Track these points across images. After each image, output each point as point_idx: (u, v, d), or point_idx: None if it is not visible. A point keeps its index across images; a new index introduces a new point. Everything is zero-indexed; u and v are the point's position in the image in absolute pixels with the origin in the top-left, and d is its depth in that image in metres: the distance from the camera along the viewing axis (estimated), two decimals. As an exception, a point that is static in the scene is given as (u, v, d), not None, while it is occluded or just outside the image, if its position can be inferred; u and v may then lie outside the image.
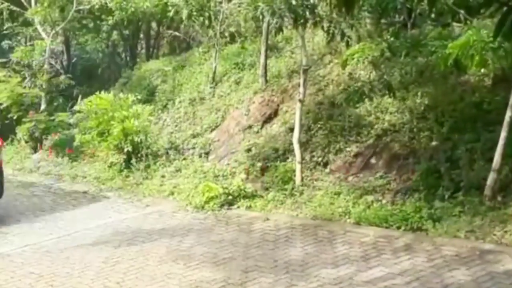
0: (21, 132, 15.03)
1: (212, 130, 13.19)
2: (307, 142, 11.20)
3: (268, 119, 12.40)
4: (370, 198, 9.82)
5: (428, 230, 8.70)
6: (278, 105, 12.51)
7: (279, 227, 9.55)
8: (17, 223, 10.48)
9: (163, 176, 12.10)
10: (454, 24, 9.62)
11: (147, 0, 11.40)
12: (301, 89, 10.79)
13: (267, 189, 10.84)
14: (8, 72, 15.59)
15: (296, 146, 10.72)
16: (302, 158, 10.76)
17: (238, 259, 8.46)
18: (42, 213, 10.98)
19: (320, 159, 10.94)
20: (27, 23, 17.18)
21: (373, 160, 10.53)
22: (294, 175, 10.73)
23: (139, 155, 12.60)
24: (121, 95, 13.60)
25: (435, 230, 8.61)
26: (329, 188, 10.37)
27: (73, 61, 18.98)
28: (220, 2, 13.67)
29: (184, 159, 12.58)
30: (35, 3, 16.31)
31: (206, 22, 11.32)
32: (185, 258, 8.60)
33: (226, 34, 14.90)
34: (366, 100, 10.35)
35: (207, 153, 12.71)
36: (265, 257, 8.48)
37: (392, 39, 9.81)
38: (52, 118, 14.96)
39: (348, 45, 10.30)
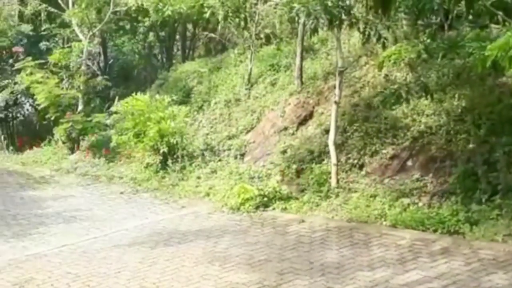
0: (59, 133, 15.23)
1: (248, 131, 13.21)
2: (343, 144, 11.14)
3: (304, 121, 12.37)
4: (406, 200, 9.74)
5: (465, 234, 8.60)
6: (313, 107, 12.47)
7: (315, 229, 9.53)
8: (54, 223, 10.63)
9: (198, 178, 12.16)
10: (492, 25, 9.46)
11: (183, 1, 11.47)
12: (336, 91, 10.74)
13: (302, 191, 10.82)
14: (46, 73, 15.80)
15: (331, 148, 10.68)
16: (338, 160, 10.72)
17: (273, 261, 8.47)
18: (79, 213, 11.10)
19: (355, 161, 10.88)
20: (65, 25, 17.42)
21: (409, 163, 10.43)
22: (330, 177, 10.69)
23: (175, 156, 12.68)
24: (157, 96, 13.72)
25: (472, 234, 8.50)
26: (365, 190, 10.32)
27: (110, 62, 19.18)
28: (256, 4, 13.67)
29: (220, 160, 12.62)
30: (73, 5, 16.52)
31: (242, 23, 11.34)
32: (221, 259, 8.63)
33: (262, 35, 14.88)
34: (403, 102, 10.25)
35: (242, 155, 12.73)
36: (300, 259, 8.47)
37: (428, 40, 9.68)
38: (89, 119, 15.14)
39: (384, 47, 10.21)
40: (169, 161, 12.60)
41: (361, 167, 10.84)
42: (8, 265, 8.81)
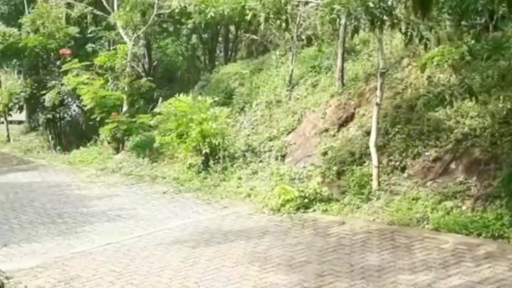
0: (104, 133, 15.50)
1: (289, 133, 13.24)
2: (384, 146, 11.08)
3: (345, 123, 12.34)
4: (449, 204, 9.64)
5: (510, 238, 8.49)
6: (354, 109, 12.43)
7: (355, 232, 9.52)
8: (99, 222, 10.83)
9: (240, 178, 12.25)
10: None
11: (225, 3, 11.56)
12: (378, 93, 10.69)
13: (343, 193, 10.81)
14: (91, 75, 16.10)
15: (372, 150, 10.64)
16: (379, 162, 10.67)
17: (313, 262, 8.49)
18: (123, 212, 11.30)
19: (397, 163, 10.81)
20: (110, 27, 17.70)
21: (452, 165, 10.32)
22: (371, 179, 10.66)
23: (216, 157, 12.80)
24: (199, 97, 13.86)
25: (518, 238, 8.38)
26: (406, 193, 10.25)
27: (154, 64, 19.43)
28: (297, 5, 13.68)
29: (261, 161, 12.69)
30: (118, 8, 16.79)
31: (283, 25, 11.36)
32: (261, 260, 8.69)
33: (303, 37, 14.90)
34: (446, 105, 10.14)
35: (283, 156, 12.76)
36: (341, 261, 8.47)
37: (472, 42, 9.57)
38: (133, 120, 15.37)
39: (426, 48, 10.12)
40: (211, 162, 12.72)
41: (403, 169, 10.76)
42: (54, 262, 9.02)
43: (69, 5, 18.04)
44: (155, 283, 8.16)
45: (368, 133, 11.16)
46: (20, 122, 20.21)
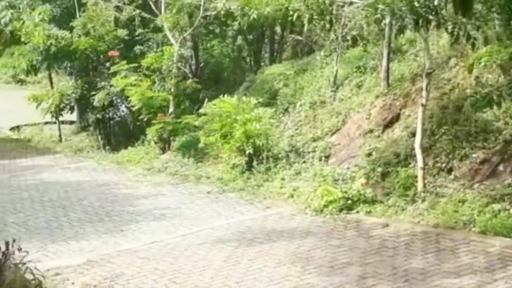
0: (151, 133, 15.71)
1: (333, 133, 13.19)
2: (430, 147, 10.94)
3: (390, 123, 12.23)
4: (497, 206, 9.47)
5: (558, 242, 8.28)
6: (400, 109, 12.31)
7: (399, 234, 9.44)
8: (145, 220, 11.00)
9: (283, 179, 12.27)
10: None
11: (268, 4, 11.58)
12: (423, 93, 10.58)
13: (387, 194, 10.72)
14: (139, 76, 16.34)
15: (418, 151, 10.52)
16: (425, 164, 10.55)
17: (355, 264, 8.46)
18: (168, 211, 11.44)
19: (443, 165, 10.66)
20: (157, 29, 17.93)
21: (500, 167, 10.13)
22: (416, 181, 10.54)
23: (260, 157, 12.84)
24: (243, 98, 13.93)
25: None
26: (453, 195, 10.11)
27: (201, 65, 19.60)
28: (342, 6, 13.63)
29: (304, 162, 12.67)
30: (165, 10, 17.00)
31: (327, 26, 11.33)
32: (303, 261, 8.71)
33: (348, 37, 14.82)
34: (494, 106, 9.97)
35: (327, 157, 12.72)
36: (383, 264, 8.42)
37: (522, 41, 9.39)
38: (179, 120, 15.53)
39: (474, 48, 9.96)
40: (255, 162, 12.77)
41: (449, 171, 10.62)
42: (100, 259, 9.21)
43: (118, 8, 18.35)
44: (197, 282, 8.26)
45: (413, 134, 11.04)
46: (72, 122, 20.68)
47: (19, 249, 6.37)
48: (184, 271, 8.60)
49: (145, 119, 15.97)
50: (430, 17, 9.53)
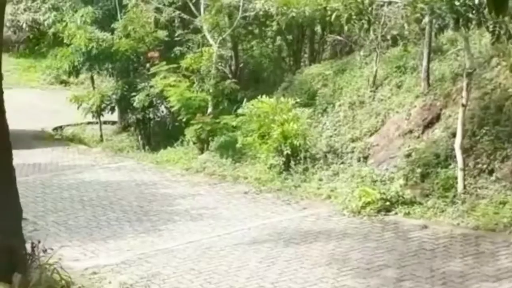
0: (189, 133, 15.78)
1: (372, 134, 13.06)
2: (471, 148, 10.74)
3: (430, 124, 12.05)
4: (539, 209, 9.25)
5: None
6: (440, 110, 12.12)
7: (438, 236, 9.30)
8: (182, 220, 11.05)
9: (320, 180, 12.19)
10: None
11: (307, 4, 11.50)
12: (464, 93, 10.40)
13: (426, 196, 10.56)
14: (178, 77, 16.45)
15: (458, 152, 10.34)
16: (465, 165, 10.37)
17: (393, 267, 8.36)
18: (205, 211, 11.48)
19: (484, 166, 10.46)
20: (197, 30, 18.03)
21: (543, 169, 9.89)
22: (456, 182, 10.37)
23: (298, 158, 12.79)
24: (282, 99, 13.90)
25: None
26: (493, 197, 9.92)
27: (241, 66, 19.63)
28: (382, 5, 13.49)
29: (342, 163, 12.57)
30: (204, 11, 17.08)
31: (365, 25, 11.22)
32: (339, 262, 8.64)
33: (388, 37, 14.64)
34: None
35: (365, 158, 12.60)
36: (421, 266, 8.31)
37: None
38: (217, 120, 15.58)
39: (516, 47, 9.74)
40: (292, 163, 12.72)
41: (490, 172, 10.41)
42: (138, 259, 9.29)
43: (158, 10, 18.52)
44: (233, 282, 8.27)
45: (454, 135, 10.85)
46: (114, 123, 20.93)
47: (44, 250, 6.43)
48: (219, 272, 8.62)
49: (184, 120, 16.05)
50: (471, 16, 9.35)
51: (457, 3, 9.22)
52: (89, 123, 20.20)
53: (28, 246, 6.21)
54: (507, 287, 7.47)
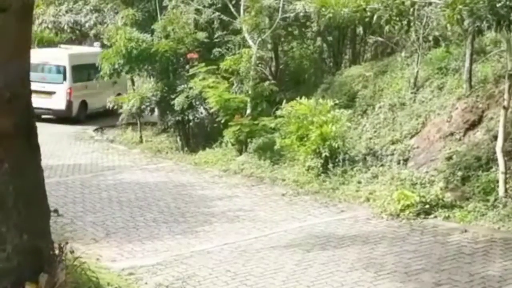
0: (228, 135, 15.80)
1: (412, 136, 12.88)
2: (513, 151, 10.52)
3: (472, 126, 11.84)
4: None
5: None
6: (483, 112, 11.89)
7: (478, 240, 9.13)
8: (219, 222, 11.04)
9: (359, 182, 12.07)
10: None
11: (345, 5, 11.40)
12: (506, 95, 10.19)
13: (467, 199, 10.38)
14: (217, 78, 16.49)
15: (499, 155, 10.14)
16: (507, 168, 10.15)
17: (431, 271, 8.23)
18: (242, 213, 11.45)
19: (527, 169, 10.22)
20: (236, 32, 18.05)
21: None
22: (497, 186, 10.18)
23: (336, 160, 12.69)
24: (320, 100, 13.81)
25: None
26: (536, 201, 9.67)
27: (281, 67, 19.59)
28: (423, 6, 13.30)
29: (382, 165, 12.43)
30: (244, 13, 17.09)
31: (406, 26, 11.07)
32: (376, 266, 8.53)
33: (430, 38, 14.45)
34: None
35: (405, 160, 12.44)
36: (460, 270, 8.16)
37: None
38: (256, 122, 15.56)
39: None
40: (330, 165, 12.62)
41: (532, 176, 10.17)
42: (174, 260, 9.30)
43: (198, 11, 18.60)
44: (268, 285, 8.22)
45: (496, 138, 10.67)
46: (153, 124, 21.11)
47: (71, 252, 6.48)
48: (255, 274, 8.58)
49: (222, 121, 16.08)
50: (512, 17, 9.15)
51: (498, 4, 9.03)
52: (129, 124, 20.40)
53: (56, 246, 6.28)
54: (548, 294, 7.28)
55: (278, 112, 14.59)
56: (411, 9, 13.03)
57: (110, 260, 9.22)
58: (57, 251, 6.25)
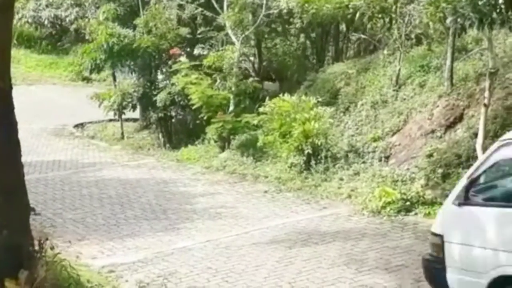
0: (210, 132, 15.75)
1: (393, 133, 12.91)
2: (493, 149, 10.56)
3: (452, 124, 11.90)
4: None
5: None
6: (463, 110, 11.96)
7: (458, 237, 9.13)
8: (201, 219, 11.03)
9: (341, 179, 12.09)
10: None
11: (328, 2, 11.37)
12: (486, 93, 10.24)
13: (447, 196, 10.35)
14: (200, 75, 16.41)
15: (479, 153, 10.16)
16: (487, 166, 10.17)
17: (411, 267, 8.29)
18: (224, 210, 11.45)
19: (506, 167, 10.27)
20: (220, 28, 17.98)
21: None
22: (477, 184, 10.18)
23: (319, 157, 12.69)
24: (303, 97, 13.81)
25: None
26: (514, 198, 9.72)
27: (264, 64, 19.55)
28: (406, 4, 13.34)
29: (364, 162, 12.45)
30: (227, 9, 17.03)
31: (388, 24, 11.09)
32: (357, 262, 8.57)
33: (412, 36, 14.49)
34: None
35: (387, 157, 12.47)
36: (440, 267, 8.17)
37: None
38: (239, 119, 15.52)
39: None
40: (313, 162, 12.63)
41: None
42: (155, 257, 9.29)
43: (181, 7, 18.51)
44: (250, 282, 8.24)
45: (476, 135, 10.69)
46: (135, 120, 20.98)
47: (52, 248, 6.44)
48: (236, 271, 8.59)
49: (205, 118, 16.02)
50: (494, 15, 9.19)
51: (480, 2, 9.07)
52: (110, 120, 20.26)
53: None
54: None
55: (261, 109, 14.58)
56: (394, 7, 13.11)
57: (90, 257, 9.20)
58: (37, 248, 6.20)
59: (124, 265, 8.96)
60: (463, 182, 6.66)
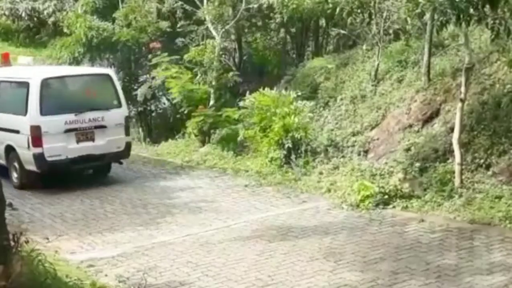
0: (191, 126, 15.77)
1: (372, 128, 13.07)
2: (469, 143, 10.78)
3: (429, 119, 12.09)
4: (534, 203, 9.27)
5: None
6: (440, 104, 12.14)
7: (434, 230, 9.36)
8: (181, 213, 11.07)
9: (321, 173, 12.21)
10: None
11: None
12: (462, 88, 10.41)
13: (424, 190, 10.60)
14: (180, 68, 16.42)
15: (456, 147, 10.38)
16: (463, 160, 10.40)
17: (388, 260, 8.42)
18: (204, 204, 11.49)
19: (482, 161, 10.53)
20: (200, 22, 17.99)
21: (540, 164, 9.91)
22: (454, 177, 10.41)
23: (299, 151, 12.80)
24: (283, 92, 13.90)
25: None
26: (490, 191, 9.99)
27: (244, 58, 19.59)
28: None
29: (343, 156, 12.59)
30: (207, 2, 17.03)
31: (367, 19, 11.20)
32: (336, 256, 8.69)
33: (390, 31, 14.64)
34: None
35: (366, 152, 12.64)
36: (416, 259, 8.37)
37: None
38: (219, 113, 15.56)
39: (515, 43, 9.73)
40: (293, 156, 12.73)
41: (487, 167, 10.47)
42: (135, 252, 9.31)
43: (160, 0, 18.48)
44: (230, 275, 8.31)
45: (452, 130, 10.89)
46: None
47: (26, 242, 6.45)
48: (217, 265, 8.66)
49: (185, 112, 16.04)
50: (471, 11, 9.33)
51: (458, -1, 9.21)
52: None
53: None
54: (499, 280, 7.52)
55: (242, 103, 14.65)
56: (373, 2, 13.23)
57: (69, 252, 9.22)
58: (12, 242, 6.20)
59: (103, 259, 8.99)
60: None
